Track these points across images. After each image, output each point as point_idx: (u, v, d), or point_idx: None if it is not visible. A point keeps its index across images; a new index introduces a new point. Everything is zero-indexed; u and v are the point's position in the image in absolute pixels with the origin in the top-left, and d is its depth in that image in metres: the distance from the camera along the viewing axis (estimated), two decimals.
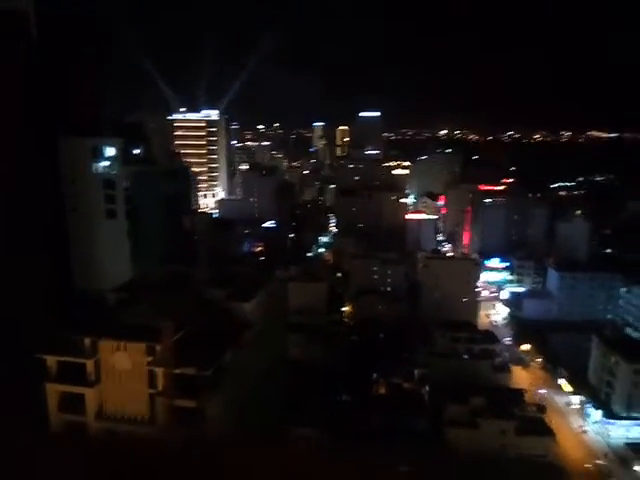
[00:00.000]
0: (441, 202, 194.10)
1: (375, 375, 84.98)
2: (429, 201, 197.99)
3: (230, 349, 45.57)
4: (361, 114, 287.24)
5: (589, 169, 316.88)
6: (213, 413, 41.00)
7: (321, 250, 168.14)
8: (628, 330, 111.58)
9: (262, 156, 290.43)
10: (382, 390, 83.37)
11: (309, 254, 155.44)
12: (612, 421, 78.63)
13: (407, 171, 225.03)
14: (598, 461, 71.75)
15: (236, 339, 47.31)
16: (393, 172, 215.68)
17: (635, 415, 77.86)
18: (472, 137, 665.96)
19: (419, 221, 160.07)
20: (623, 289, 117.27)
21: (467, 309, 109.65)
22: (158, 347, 41.97)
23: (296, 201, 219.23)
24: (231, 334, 47.45)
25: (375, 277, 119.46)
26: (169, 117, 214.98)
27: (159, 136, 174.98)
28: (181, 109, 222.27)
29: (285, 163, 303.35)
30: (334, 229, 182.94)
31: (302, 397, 66.23)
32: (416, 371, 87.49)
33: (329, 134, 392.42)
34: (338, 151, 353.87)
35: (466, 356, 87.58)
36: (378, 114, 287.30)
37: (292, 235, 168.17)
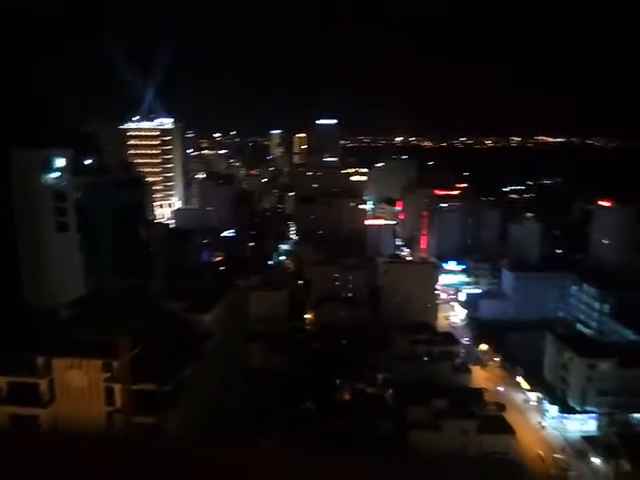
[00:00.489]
0: (399, 207, 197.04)
1: (338, 381, 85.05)
2: (387, 207, 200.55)
3: (190, 362, 44.63)
4: (318, 121, 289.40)
5: (538, 173, 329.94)
6: (173, 429, 39.95)
7: (282, 258, 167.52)
8: (579, 327, 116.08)
9: (219, 165, 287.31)
10: (346, 396, 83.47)
11: (270, 262, 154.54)
12: (568, 415, 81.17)
13: (365, 178, 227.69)
14: (557, 455, 73.95)
15: (196, 352, 46.39)
16: (351, 179, 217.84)
17: (590, 409, 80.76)
18: (426, 144, 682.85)
19: (378, 227, 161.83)
20: (574, 287, 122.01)
21: (427, 312, 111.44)
22: (115, 363, 40.65)
23: (255, 209, 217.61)
24: (191, 347, 46.50)
25: (336, 283, 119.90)
26: (122, 126, 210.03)
27: (112, 146, 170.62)
28: (134, 118, 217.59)
29: (243, 171, 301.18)
30: (294, 237, 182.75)
31: (265, 406, 65.51)
32: (379, 375, 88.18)
33: (287, 141, 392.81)
34: (296, 159, 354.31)
35: (427, 358, 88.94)
36: (335, 122, 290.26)
37: (252, 244, 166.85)
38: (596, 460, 69.99)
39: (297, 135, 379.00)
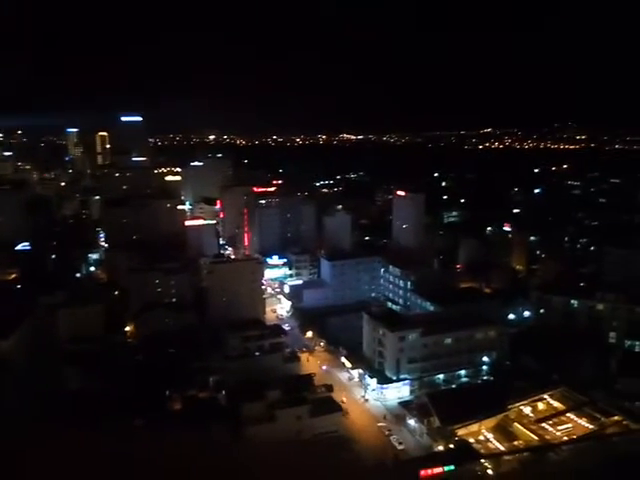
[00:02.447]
0: (218, 206, 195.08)
1: (168, 392, 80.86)
2: (206, 206, 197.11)
3: None
4: (122, 118, 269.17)
5: (344, 168, 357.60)
6: None
7: (92, 269, 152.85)
8: (390, 304, 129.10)
9: (4, 168, 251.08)
10: (177, 405, 79.81)
11: (78, 274, 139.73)
12: (386, 386, 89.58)
13: (180, 177, 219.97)
14: (380, 423, 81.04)
15: None
16: (166, 179, 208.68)
17: (403, 376, 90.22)
18: (240, 142, 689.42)
19: (198, 227, 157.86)
20: (382, 270, 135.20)
21: (255, 308, 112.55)
22: None
23: (54, 217, 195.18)
24: None
25: (158, 290, 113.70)
26: None
27: None
28: None
29: (35, 175, 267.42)
30: (105, 244, 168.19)
31: (88, 431, 59.01)
32: (211, 378, 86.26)
33: (87, 141, 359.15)
34: (100, 159, 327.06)
35: (258, 353, 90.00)
36: (140, 119, 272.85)
37: (54, 256, 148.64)
38: (412, 421, 78.49)
39: (99, 133, 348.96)
